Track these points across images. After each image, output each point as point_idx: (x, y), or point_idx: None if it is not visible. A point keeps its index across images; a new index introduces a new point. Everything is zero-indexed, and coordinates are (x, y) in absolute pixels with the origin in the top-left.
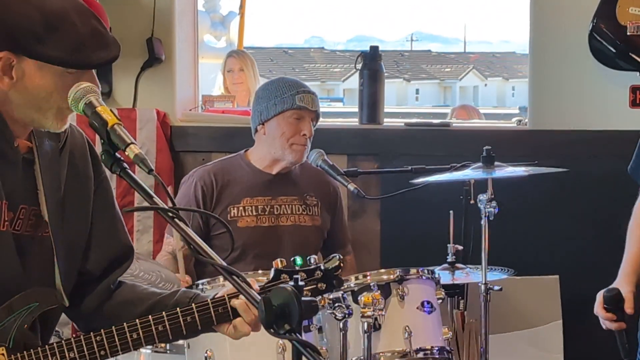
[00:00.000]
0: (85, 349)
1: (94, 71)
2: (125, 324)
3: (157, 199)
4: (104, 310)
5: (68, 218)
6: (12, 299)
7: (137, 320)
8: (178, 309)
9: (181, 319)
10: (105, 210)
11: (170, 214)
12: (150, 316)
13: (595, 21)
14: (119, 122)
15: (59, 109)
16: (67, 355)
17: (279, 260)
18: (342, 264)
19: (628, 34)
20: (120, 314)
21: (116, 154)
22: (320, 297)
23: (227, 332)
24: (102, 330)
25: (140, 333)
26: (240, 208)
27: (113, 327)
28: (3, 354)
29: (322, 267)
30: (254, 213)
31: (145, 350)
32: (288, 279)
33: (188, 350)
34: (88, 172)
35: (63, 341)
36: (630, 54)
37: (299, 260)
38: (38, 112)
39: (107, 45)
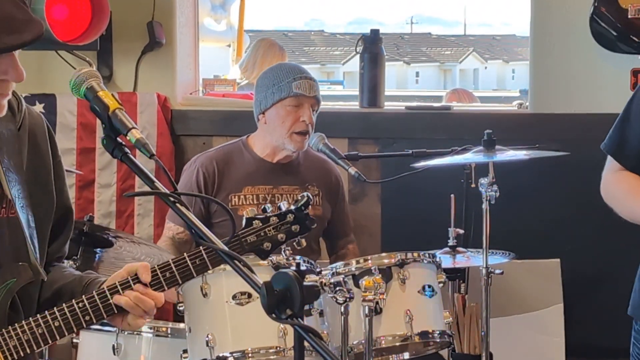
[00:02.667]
0: (69, 317)
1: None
2: (105, 288)
3: (158, 184)
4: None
5: (34, 195)
6: None
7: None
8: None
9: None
10: (62, 192)
11: (172, 199)
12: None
13: (596, 4)
14: (120, 107)
15: None
16: (52, 324)
17: (248, 209)
18: (310, 199)
19: (629, 17)
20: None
21: (117, 138)
22: (296, 239)
23: (123, 325)
24: (83, 296)
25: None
26: (242, 196)
27: (94, 292)
28: None
29: (293, 209)
30: (255, 202)
31: (147, 335)
32: (260, 224)
33: (189, 335)
34: (47, 151)
35: (47, 312)
36: (631, 36)
37: (268, 207)
38: None
39: (17, 30)
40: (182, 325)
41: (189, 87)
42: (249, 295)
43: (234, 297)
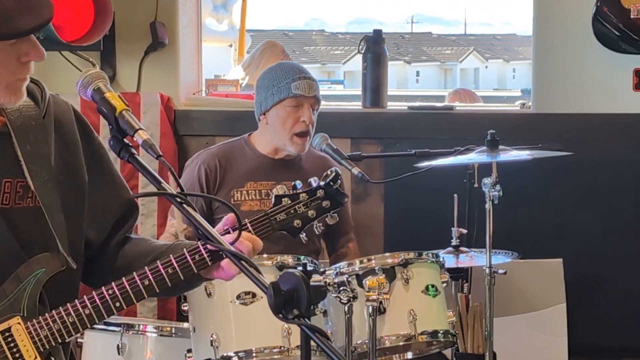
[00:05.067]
0: (99, 304)
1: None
2: (134, 272)
3: (165, 185)
4: (114, 269)
5: (62, 185)
6: (18, 269)
7: (145, 267)
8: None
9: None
10: (103, 176)
11: (179, 199)
12: (159, 261)
13: (598, 4)
14: (127, 108)
15: (8, 84)
16: (82, 313)
17: (278, 187)
18: (339, 174)
19: (631, 17)
20: (125, 269)
21: (124, 139)
22: (327, 215)
23: (218, 274)
24: (112, 283)
25: (151, 279)
26: (244, 192)
27: (123, 277)
28: (19, 323)
29: (323, 184)
30: (258, 197)
31: (151, 334)
32: (290, 202)
33: (194, 334)
34: (77, 139)
35: (77, 301)
36: (633, 36)
37: (298, 184)
38: None
39: (34, 8)
40: (186, 324)
41: (192, 87)
42: (253, 295)
43: (238, 296)
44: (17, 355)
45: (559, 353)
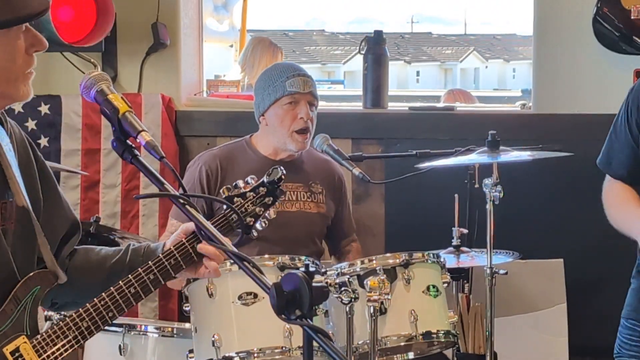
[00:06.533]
0: (95, 315)
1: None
2: (121, 281)
3: (168, 186)
4: (65, 284)
5: (33, 201)
6: (15, 289)
7: (129, 276)
8: (140, 269)
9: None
10: (50, 192)
11: (182, 201)
12: (140, 268)
13: (599, 5)
14: (130, 110)
15: (20, 76)
16: (81, 325)
17: (225, 188)
18: (283, 175)
19: (632, 17)
20: (80, 283)
21: (127, 141)
22: (268, 210)
23: (200, 273)
24: (103, 294)
25: (137, 287)
26: None
27: (112, 288)
28: (26, 342)
29: (265, 181)
30: None
31: (153, 335)
32: (242, 201)
33: (195, 335)
34: (30, 158)
35: (74, 314)
36: (634, 37)
37: (240, 183)
38: (7, 84)
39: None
40: (188, 325)
41: (193, 88)
42: (255, 296)
43: (239, 297)
44: None
45: (560, 353)
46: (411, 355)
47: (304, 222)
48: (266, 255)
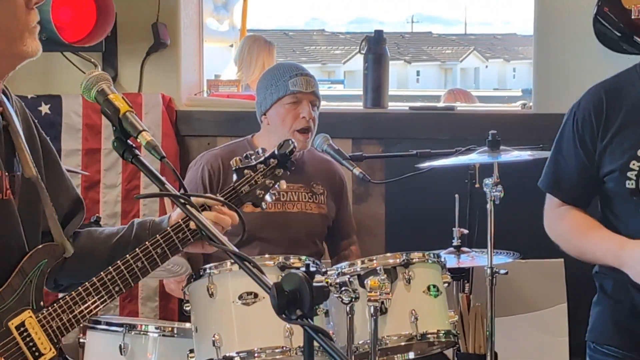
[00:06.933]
0: (101, 290)
1: None
2: (128, 255)
3: (168, 186)
4: (67, 264)
5: (46, 175)
6: (22, 263)
7: (137, 249)
8: (147, 242)
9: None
10: (54, 169)
11: (182, 200)
12: (147, 242)
13: (599, 4)
14: (130, 110)
15: (26, 31)
16: (88, 300)
17: (237, 158)
18: (294, 148)
19: (632, 17)
20: (85, 263)
21: (128, 140)
22: (278, 182)
23: (204, 248)
24: (110, 268)
25: (144, 260)
26: None
27: (118, 261)
28: (31, 316)
29: (276, 152)
30: None
31: (153, 334)
32: (252, 173)
33: (196, 334)
34: (33, 130)
35: (80, 289)
36: (634, 37)
37: (250, 154)
38: (15, 42)
39: None
40: (188, 325)
41: (193, 87)
42: (255, 295)
43: (240, 297)
44: (33, 349)
45: (560, 353)
46: (411, 355)
47: (304, 223)
48: (266, 255)
